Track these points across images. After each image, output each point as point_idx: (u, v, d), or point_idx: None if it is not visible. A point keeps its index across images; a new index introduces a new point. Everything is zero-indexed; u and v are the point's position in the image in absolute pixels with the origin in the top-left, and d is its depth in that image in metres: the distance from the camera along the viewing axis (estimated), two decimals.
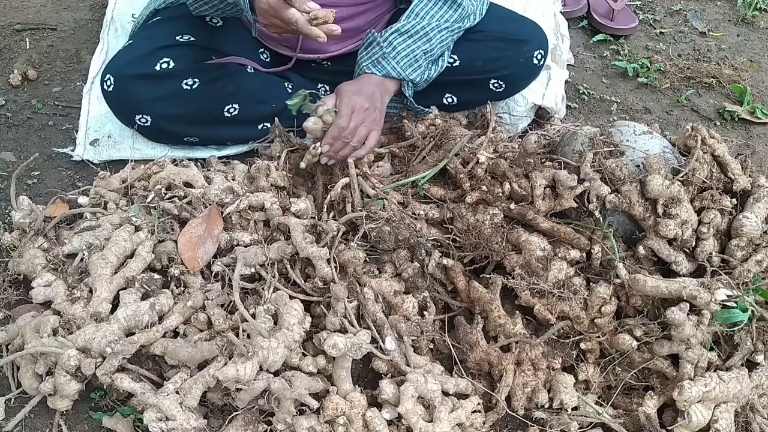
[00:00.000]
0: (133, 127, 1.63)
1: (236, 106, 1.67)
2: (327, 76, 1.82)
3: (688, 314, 1.31)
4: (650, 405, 1.32)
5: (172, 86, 1.60)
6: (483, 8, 1.73)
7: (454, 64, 1.72)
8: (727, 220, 1.51)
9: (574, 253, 1.45)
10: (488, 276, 1.43)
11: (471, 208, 1.50)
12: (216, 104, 1.65)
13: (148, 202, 1.47)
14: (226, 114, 1.67)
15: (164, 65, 1.58)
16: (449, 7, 1.63)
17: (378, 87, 1.56)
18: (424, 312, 1.41)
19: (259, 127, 1.75)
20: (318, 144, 1.48)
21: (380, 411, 1.25)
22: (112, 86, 1.59)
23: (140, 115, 1.61)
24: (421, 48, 1.60)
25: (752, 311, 1.35)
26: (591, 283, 1.43)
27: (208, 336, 1.27)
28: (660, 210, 1.43)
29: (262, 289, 1.34)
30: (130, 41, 1.67)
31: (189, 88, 1.60)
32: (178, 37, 1.63)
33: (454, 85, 1.77)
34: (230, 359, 1.21)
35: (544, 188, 1.50)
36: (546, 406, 1.36)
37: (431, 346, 1.41)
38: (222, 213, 1.44)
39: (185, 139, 1.71)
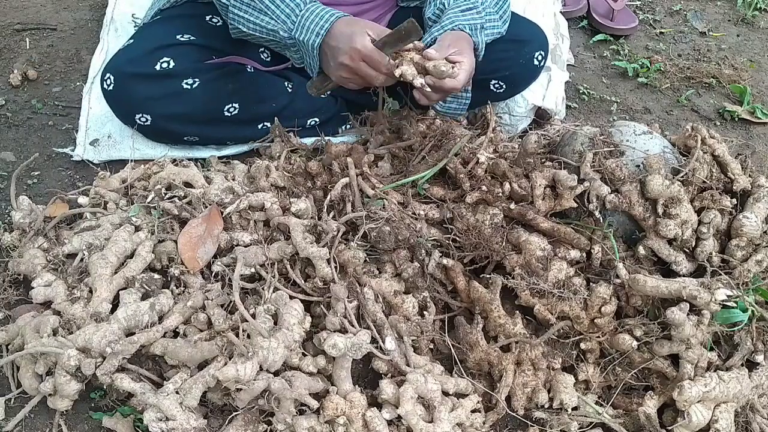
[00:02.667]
0: (133, 126, 1.63)
1: (236, 105, 1.67)
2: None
3: (688, 314, 1.31)
4: (650, 405, 1.32)
5: (172, 86, 1.60)
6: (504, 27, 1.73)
7: None
8: (727, 220, 1.51)
9: (574, 253, 1.45)
10: (488, 276, 1.43)
11: (471, 208, 1.50)
12: (216, 104, 1.65)
13: (148, 202, 1.47)
14: (226, 113, 1.67)
15: (164, 65, 1.58)
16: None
17: (469, 45, 1.52)
18: (424, 312, 1.41)
19: (259, 126, 1.75)
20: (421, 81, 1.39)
21: (380, 411, 1.25)
22: (112, 85, 1.59)
23: (140, 114, 1.61)
24: (490, 36, 1.61)
25: (752, 311, 1.35)
26: (591, 283, 1.43)
27: (208, 336, 1.27)
28: (660, 210, 1.43)
29: (262, 289, 1.34)
30: (131, 40, 1.67)
31: (189, 87, 1.60)
32: (178, 36, 1.63)
33: None
34: (230, 359, 1.21)
35: (544, 188, 1.50)
36: (546, 406, 1.36)
37: (431, 346, 1.41)
38: (222, 213, 1.44)
39: (185, 138, 1.71)
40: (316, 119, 1.81)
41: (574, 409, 1.35)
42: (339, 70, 1.42)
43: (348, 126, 1.88)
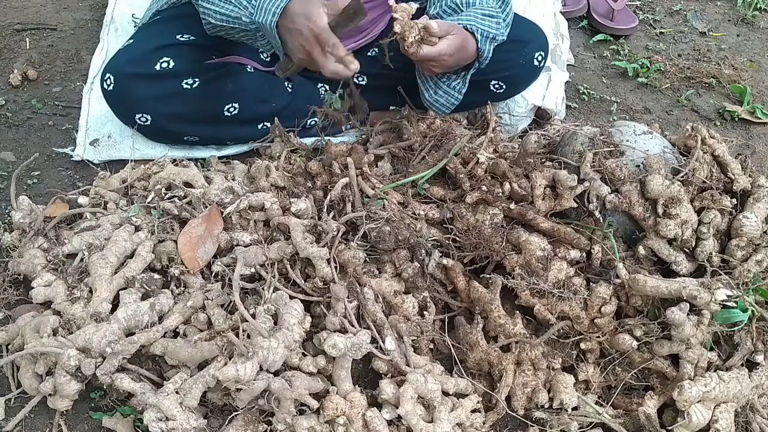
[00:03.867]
0: (134, 126, 1.63)
1: (236, 105, 1.67)
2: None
3: (688, 314, 1.31)
4: (650, 405, 1.32)
5: (172, 86, 1.60)
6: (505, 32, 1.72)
7: None
8: (727, 220, 1.51)
9: (574, 253, 1.45)
10: (488, 276, 1.43)
11: (471, 208, 1.50)
12: (216, 103, 1.65)
13: (148, 202, 1.47)
14: (226, 113, 1.67)
15: (164, 65, 1.58)
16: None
17: (465, 49, 1.51)
18: (424, 312, 1.41)
19: (259, 126, 1.74)
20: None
21: (380, 411, 1.25)
22: (112, 85, 1.59)
23: (140, 114, 1.61)
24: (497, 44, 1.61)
25: (752, 311, 1.35)
26: (591, 283, 1.43)
27: (208, 336, 1.27)
28: (660, 210, 1.43)
29: (262, 289, 1.34)
30: (130, 40, 1.67)
31: (189, 87, 1.60)
32: (178, 36, 1.63)
33: None
34: (230, 359, 1.21)
35: (544, 188, 1.50)
36: (546, 406, 1.36)
37: (431, 346, 1.41)
38: (222, 213, 1.44)
39: (185, 138, 1.71)
40: (316, 119, 1.81)
41: (574, 409, 1.35)
42: (297, 51, 1.38)
43: (348, 126, 1.88)
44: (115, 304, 1.30)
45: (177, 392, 1.21)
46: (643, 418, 1.30)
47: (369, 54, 1.82)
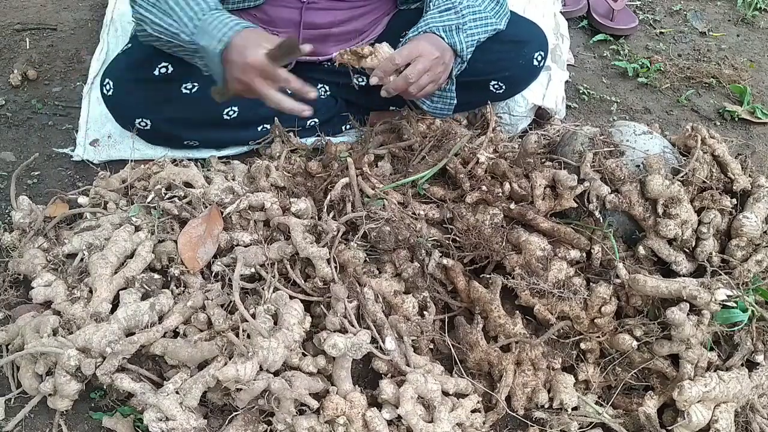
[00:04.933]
0: (133, 130, 1.64)
1: (235, 108, 1.67)
2: (327, 76, 1.81)
3: (688, 314, 1.31)
4: (650, 405, 1.32)
5: (171, 90, 1.59)
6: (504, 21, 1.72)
7: None
8: (727, 220, 1.51)
9: (574, 253, 1.45)
10: (488, 276, 1.43)
11: (471, 208, 1.50)
12: (215, 107, 1.65)
13: (148, 202, 1.47)
14: (226, 117, 1.67)
15: (163, 70, 1.57)
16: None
17: (446, 50, 1.52)
18: (424, 312, 1.41)
19: (259, 129, 1.74)
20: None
21: (380, 411, 1.25)
22: (111, 91, 1.59)
23: (140, 119, 1.62)
24: (481, 34, 1.60)
25: (752, 311, 1.35)
26: (591, 283, 1.43)
27: (208, 336, 1.27)
28: (660, 210, 1.43)
29: (262, 289, 1.34)
30: (129, 45, 1.67)
31: (188, 92, 1.60)
32: None
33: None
34: (230, 359, 1.21)
35: (544, 188, 1.50)
36: (546, 406, 1.36)
37: (431, 346, 1.41)
38: (222, 213, 1.44)
39: (185, 142, 1.71)
40: (316, 119, 1.81)
41: (574, 409, 1.35)
42: (234, 83, 1.37)
43: (348, 126, 1.88)
44: (115, 304, 1.30)
45: (177, 392, 1.21)
46: (643, 418, 1.30)
47: None
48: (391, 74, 1.46)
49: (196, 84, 1.60)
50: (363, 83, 1.83)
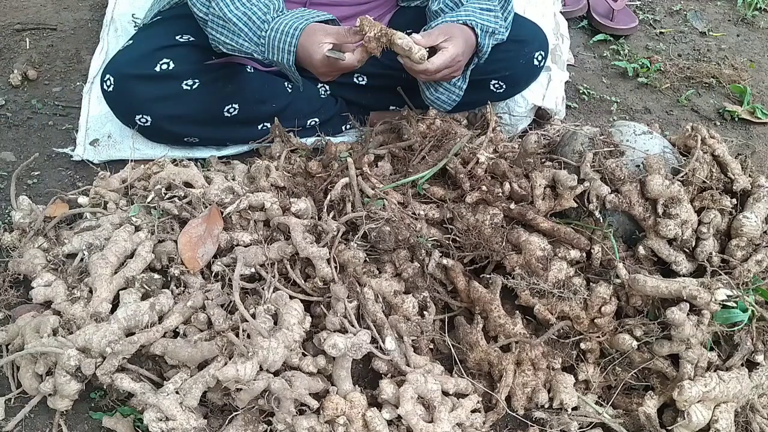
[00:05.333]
0: (134, 127, 1.63)
1: (236, 106, 1.67)
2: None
3: (688, 314, 1.31)
4: (650, 405, 1.32)
5: (172, 87, 1.60)
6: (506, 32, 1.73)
7: None
8: (727, 220, 1.51)
9: (574, 253, 1.45)
10: (488, 276, 1.43)
11: (471, 208, 1.50)
12: (216, 104, 1.65)
13: (148, 202, 1.47)
14: (226, 114, 1.67)
15: (164, 66, 1.58)
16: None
17: (472, 47, 1.56)
18: (424, 312, 1.41)
19: (259, 127, 1.74)
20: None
21: (380, 411, 1.25)
22: (111, 86, 1.59)
23: (140, 116, 1.61)
24: (494, 43, 1.62)
25: (752, 311, 1.35)
26: (591, 283, 1.43)
27: (208, 336, 1.27)
28: (660, 210, 1.43)
29: (262, 289, 1.34)
30: (130, 41, 1.67)
31: (189, 88, 1.60)
32: (177, 37, 1.62)
33: None
34: (230, 359, 1.21)
35: (544, 188, 1.50)
36: (546, 406, 1.36)
37: (431, 346, 1.41)
38: (222, 213, 1.44)
39: (185, 139, 1.71)
40: (316, 119, 1.81)
41: (574, 409, 1.35)
42: (321, 77, 1.52)
43: (348, 126, 1.88)
44: (115, 304, 1.30)
45: (177, 392, 1.21)
46: (643, 418, 1.30)
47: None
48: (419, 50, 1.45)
49: (196, 81, 1.60)
50: (363, 83, 1.83)
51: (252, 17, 1.46)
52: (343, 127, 1.88)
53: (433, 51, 1.46)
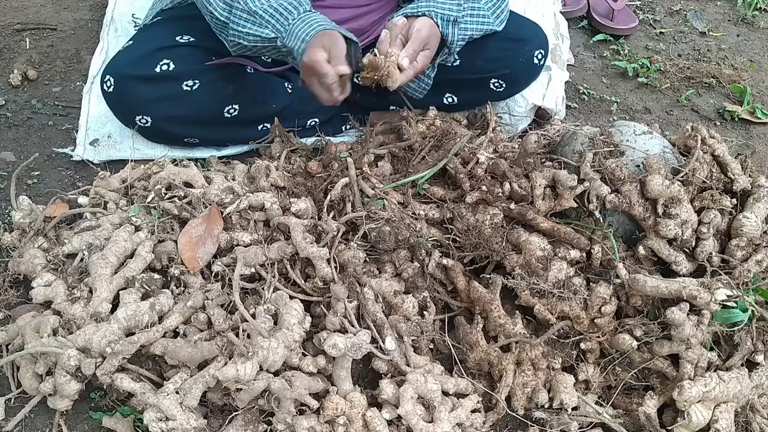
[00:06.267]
0: (134, 127, 1.64)
1: (236, 106, 1.67)
2: None
3: (688, 314, 1.31)
4: (650, 405, 1.32)
5: (172, 88, 1.60)
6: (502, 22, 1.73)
7: (454, 64, 1.72)
8: (727, 220, 1.51)
9: (574, 253, 1.45)
10: (488, 276, 1.43)
11: (471, 208, 1.50)
12: (216, 105, 1.65)
13: (148, 202, 1.47)
14: (226, 115, 1.67)
15: (164, 67, 1.58)
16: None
17: (436, 37, 1.54)
18: (424, 312, 1.41)
19: (260, 127, 1.74)
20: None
21: (380, 411, 1.25)
22: (112, 87, 1.59)
23: (140, 116, 1.62)
24: (475, 31, 1.62)
25: (752, 311, 1.35)
26: (591, 283, 1.43)
27: (208, 336, 1.27)
28: (660, 210, 1.43)
29: (262, 289, 1.34)
30: (130, 42, 1.67)
31: (189, 89, 1.60)
32: (177, 38, 1.62)
33: (454, 85, 1.77)
34: (230, 359, 1.21)
35: (544, 188, 1.50)
36: (546, 406, 1.36)
37: (431, 346, 1.41)
38: (222, 213, 1.44)
39: (185, 140, 1.71)
40: (317, 119, 1.81)
41: (574, 409, 1.35)
42: (303, 75, 1.48)
43: (348, 126, 1.88)
44: (115, 304, 1.30)
45: (177, 392, 1.21)
46: (643, 418, 1.30)
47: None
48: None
49: (197, 81, 1.60)
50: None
51: (279, 8, 1.47)
52: (343, 127, 1.88)
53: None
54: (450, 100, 1.81)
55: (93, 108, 1.84)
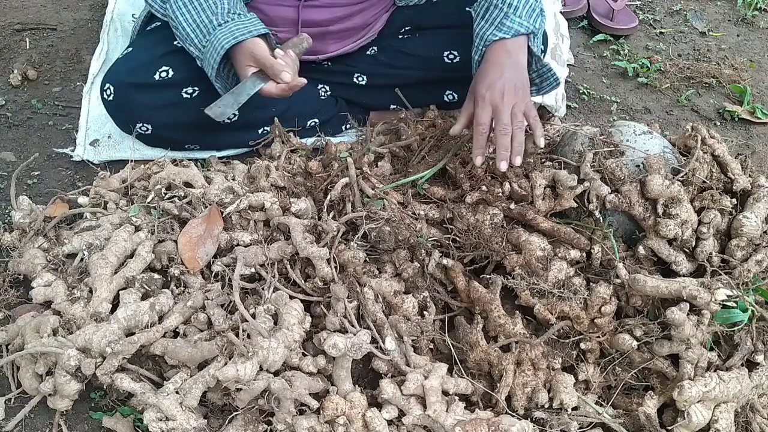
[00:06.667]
0: (133, 135, 1.64)
1: (236, 112, 1.67)
2: (326, 76, 1.81)
3: (688, 314, 1.31)
4: (650, 405, 1.32)
5: (171, 95, 1.59)
6: None
7: (455, 60, 1.72)
8: (727, 220, 1.51)
9: (574, 253, 1.45)
10: (488, 276, 1.43)
11: (471, 208, 1.50)
12: None
13: (148, 202, 1.47)
14: (227, 120, 1.67)
15: (163, 74, 1.57)
16: None
17: (511, 53, 1.47)
18: (424, 312, 1.41)
19: (260, 131, 1.74)
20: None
21: (380, 411, 1.25)
22: (111, 95, 1.59)
23: (140, 124, 1.62)
24: (542, 25, 1.54)
25: (752, 311, 1.35)
26: (591, 283, 1.43)
27: (208, 336, 1.27)
28: (660, 210, 1.43)
29: (262, 289, 1.34)
30: (129, 49, 1.67)
31: (189, 96, 1.60)
32: (176, 43, 1.62)
33: (455, 82, 1.77)
34: (230, 359, 1.21)
35: (544, 188, 1.50)
36: (546, 406, 1.36)
37: (431, 346, 1.41)
38: (222, 213, 1.44)
39: (186, 146, 1.72)
40: (316, 119, 1.81)
41: (574, 409, 1.35)
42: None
43: (348, 126, 1.88)
44: (115, 304, 1.30)
45: (177, 392, 1.21)
46: (643, 418, 1.30)
47: (368, 53, 1.82)
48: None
49: (196, 89, 1.60)
50: (363, 83, 1.83)
51: (200, 24, 1.47)
52: (343, 127, 1.88)
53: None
54: (450, 97, 1.81)
55: (93, 108, 1.84)
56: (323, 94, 1.82)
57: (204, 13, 1.47)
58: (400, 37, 1.80)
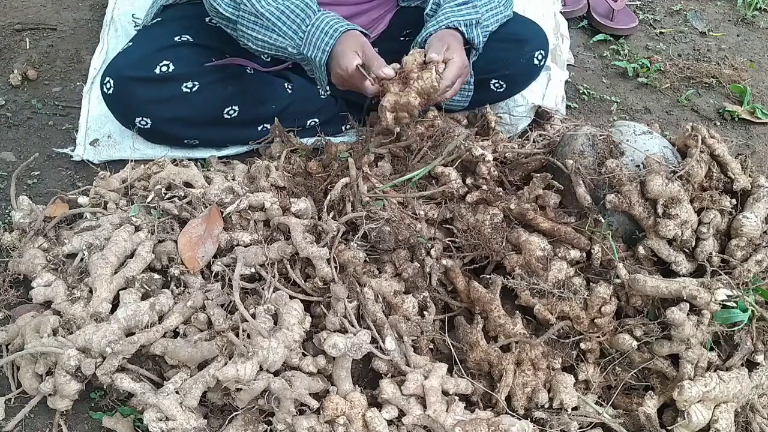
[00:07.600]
0: (133, 129, 1.64)
1: (236, 107, 1.67)
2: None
3: (688, 314, 1.31)
4: (650, 405, 1.32)
5: (172, 89, 1.60)
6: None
7: None
8: (727, 220, 1.51)
9: (574, 253, 1.45)
10: (488, 276, 1.43)
11: (471, 208, 1.50)
12: (216, 106, 1.65)
13: (148, 202, 1.47)
14: (226, 116, 1.67)
15: (164, 68, 1.57)
16: None
17: (462, 45, 1.56)
18: (424, 312, 1.41)
19: (259, 128, 1.74)
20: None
21: (380, 411, 1.25)
22: (111, 89, 1.59)
23: (140, 118, 1.62)
24: (493, 24, 1.64)
25: (752, 311, 1.35)
26: (591, 283, 1.43)
27: (208, 336, 1.27)
28: (660, 210, 1.43)
29: (262, 289, 1.34)
30: (130, 43, 1.67)
31: (189, 90, 1.60)
32: (177, 38, 1.62)
33: None
34: (230, 359, 1.21)
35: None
36: (546, 406, 1.36)
37: (431, 346, 1.41)
38: (222, 213, 1.44)
39: (185, 141, 1.71)
40: (316, 119, 1.81)
41: (574, 409, 1.35)
42: (336, 83, 1.52)
43: (348, 126, 1.88)
44: (115, 304, 1.30)
45: (177, 392, 1.21)
46: (643, 418, 1.30)
47: None
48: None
49: (196, 83, 1.60)
50: None
51: (286, 11, 1.47)
52: (343, 127, 1.88)
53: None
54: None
55: (93, 108, 1.84)
56: (323, 93, 1.82)
57: (292, 2, 1.47)
58: (401, 39, 1.81)
